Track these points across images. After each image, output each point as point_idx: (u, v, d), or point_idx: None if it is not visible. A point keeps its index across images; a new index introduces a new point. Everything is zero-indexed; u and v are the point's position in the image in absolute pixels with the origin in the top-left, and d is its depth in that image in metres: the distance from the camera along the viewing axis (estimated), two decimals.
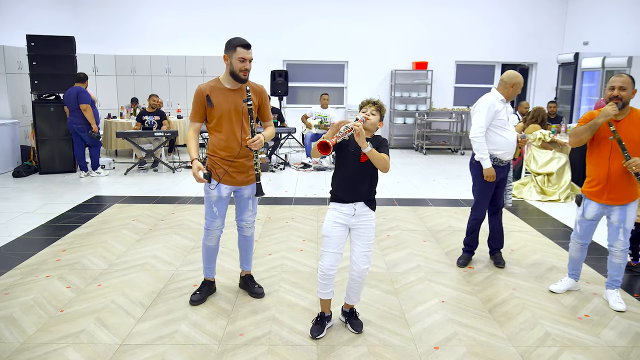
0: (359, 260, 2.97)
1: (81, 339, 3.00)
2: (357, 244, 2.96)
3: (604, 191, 3.39)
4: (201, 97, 3.20)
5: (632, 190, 3.36)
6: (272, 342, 3.00)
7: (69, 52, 7.80)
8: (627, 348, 2.99)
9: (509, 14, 10.96)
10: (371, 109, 2.91)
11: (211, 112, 3.22)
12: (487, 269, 4.20)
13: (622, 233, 3.43)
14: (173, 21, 10.76)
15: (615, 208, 3.41)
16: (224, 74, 3.25)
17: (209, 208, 3.35)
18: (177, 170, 8.25)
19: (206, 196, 3.34)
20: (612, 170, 3.34)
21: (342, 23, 10.91)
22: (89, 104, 7.44)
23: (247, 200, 3.44)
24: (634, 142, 3.27)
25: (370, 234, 2.97)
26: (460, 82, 11.43)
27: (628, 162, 3.23)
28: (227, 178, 3.28)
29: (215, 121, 3.23)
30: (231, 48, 3.15)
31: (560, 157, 6.84)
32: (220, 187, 3.29)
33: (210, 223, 3.38)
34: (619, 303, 3.49)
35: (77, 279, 3.87)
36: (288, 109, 11.06)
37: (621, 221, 3.41)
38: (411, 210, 5.97)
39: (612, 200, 3.39)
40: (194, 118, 3.26)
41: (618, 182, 3.34)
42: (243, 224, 3.53)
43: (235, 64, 3.15)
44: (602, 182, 3.39)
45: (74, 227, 5.13)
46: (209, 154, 3.31)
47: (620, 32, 8.96)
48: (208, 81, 3.29)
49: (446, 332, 3.16)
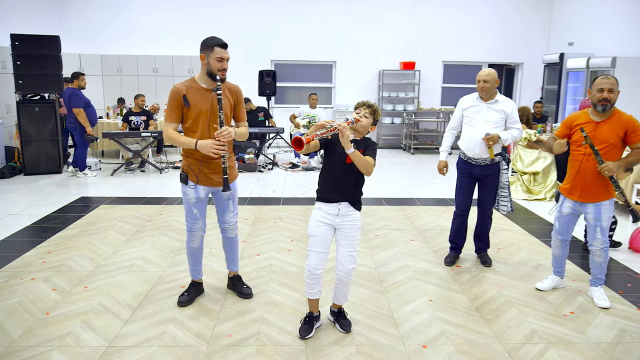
0: (345, 260, 2.97)
1: (67, 341, 2.97)
2: (342, 244, 2.97)
3: (577, 189, 3.49)
4: (178, 96, 3.14)
5: (605, 190, 3.42)
6: (260, 342, 3.00)
7: (54, 51, 7.72)
8: (612, 344, 3.03)
9: (495, 15, 11.05)
10: (365, 112, 2.90)
11: (187, 112, 3.17)
12: (474, 268, 4.23)
13: (599, 232, 3.49)
14: (160, 20, 10.69)
15: (590, 206, 3.47)
16: (200, 73, 3.20)
17: (189, 210, 3.33)
18: (164, 170, 8.19)
19: (185, 199, 3.31)
20: (586, 170, 3.42)
21: (330, 23, 10.92)
22: (80, 108, 7.38)
23: (227, 201, 3.42)
24: (609, 144, 3.34)
25: (355, 234, 2.97)
26: (447, 82, 11.50)
27: (600, 167, 3.32)
28: (204, 179, 3.26)
29: (191, 121, 3.18)
30: (208, 48, 3.10)
31: (545, 157, 6.92)
32: (198, 189, 3.27)
33: (192, 225, 3.36)
34: (604, 300, 3.54)
35: (63, 281, 3.83)
36: (276, 109, 11.04)
37: (597, 219, 3.47)
38: (399, 210, 6.00)
39: (582, 197, 3.47)
40: (171, 119, 3.18)
41: (589, 182, 3.42)
42: (226, 226, 3.51)
43: (213, 63, 3.10)
44: (575, 181, 3.49)
45: (60, 229, 5.08)
46: (184, 156, 3.27)
47: (604, 32, 9.08)
48: (183, 81, 3.23)
49: (434, 330, 3.18)
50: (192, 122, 3.19)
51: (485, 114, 4.02)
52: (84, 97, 7.56)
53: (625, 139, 3.33)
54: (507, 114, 3.99)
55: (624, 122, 3.32)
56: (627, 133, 3.31)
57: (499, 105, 4.01)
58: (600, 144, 3.34)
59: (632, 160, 3.36)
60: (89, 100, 7.74)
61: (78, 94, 7.49)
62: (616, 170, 3.30)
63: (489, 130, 3.96)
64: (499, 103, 4.01)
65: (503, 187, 4.14)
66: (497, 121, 3.99)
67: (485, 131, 3.96)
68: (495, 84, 3.97)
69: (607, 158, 3.34)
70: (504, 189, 4.14)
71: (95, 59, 10.32)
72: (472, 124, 4.07)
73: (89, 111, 7.63)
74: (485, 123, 3.99)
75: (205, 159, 3.22)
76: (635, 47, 8.23)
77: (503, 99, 4.04)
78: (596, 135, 3.35)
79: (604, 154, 3.34)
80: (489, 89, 3.95)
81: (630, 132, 3.31)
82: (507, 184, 4.14)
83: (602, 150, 3.34)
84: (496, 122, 3.99)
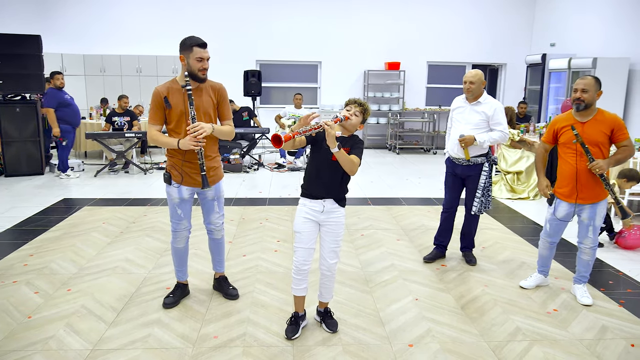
0: (327, 256, 3.00)
1: (50, 345, 2.93)
2: (326, 240, 2.98)
3: (575, 191, 3.49)
4: (159, 99, 3.13)
5: (600, 190, 3.46)
6: (247, 343, 2.99)
7: (35, 51, 7.61)
8: (594, 341, 3.08)
9: (479, 16, 11.15)
10: (356, 110, 2.89)
11: (170, 113, 3.16)
12: (460, 267, 4.27)
13: (591, 231, 3.53)
14: (144, 20, 10.60)
15: (586, 207, 3.50)
16: (181, 74, 3.18)
17: (173, 210, 3.31)
18: (148, 171, 8.12)
19: (168, 199, 3.30)
20: (580, 171, 3.43)
21: (315, 23, 10.92)
22: (50, 107, 7.26)
23: (212, 202, 3.40)
24: (597, 143, 3.38)
25: (339, 231, 2.98)
26: (431, 83, 11.57)
27: (591, 164, 3.35)
28: (187, 179, 3.24)
29: (174, 123, 3.17)
30: (187, 48, 3.07)
31: (529, 156, 7.00)
32: (182, 189, 3.26)
33: (176, 225, 3.34)
34: (586, 297, 3.59)
35: (46, 284, 3.78)
36: (261, 109, 11.01)
37: (591, 219, 3.51)
38: (385, 210, 6.02)
39: (582, 200, 3.48)
40: (154, 121, 3.17)
41: (587, 183, 3.44)
42: (212, 227, 3.49)
43: (193, 64, 3.08)
44: (572, 183, 3.49)
45: (42, 231, 5.00)
46: (168, 156, 3.26)
47: (585, 33, 9.22)
48: (164, 82, 3.21)
49: (420, 329, 3.19)
50: (175, 123, 3.18)
51: (467, 115, 4.05)
52: (58, 97, 7.38)
53: (612, 137, 3.38)
54: (488, 116, 3.99)
55: (610, 121, 3.37)
56: (614, 131, 3.36)
57: (480, 107, 4.02)
58: (587, 144, 3.37)
59: (619, 158, 3.41)
60: (70, 100, 7.56)
61: (51, 93, 7.34)
62: (606, 167, 3.34)
63: (469, 132, 3.99)
64: (481, 105, 4.02)
65: (478, 188, 4.13)
66: (477, 123, 4.01)
67: (460, 133, 4.00)
68: (481, 85, 3.99)
69: (595, 157, 3.38)
70: (478, 190, 4.13)
71: (77, 58, 10.19)
72: (455, 124, 4.13)
73: (67, 111, 7.46)
74: (466, 124, 4.02)
75: (188, 159, 3.20)
76: (615, 48, 8.37)
77: (487, 100, 4.04)
78: (582, 135, 3.39)
79: (594, 154, 3.37)
80: (474, 90, 3.98)
81: (616, 130, 3.35)
82: (484, 185, 4.11)
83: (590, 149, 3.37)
84: (476, 124, 4.00)
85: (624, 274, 4.15)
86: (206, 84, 3.22)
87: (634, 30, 8.00)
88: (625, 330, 3.21)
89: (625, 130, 3.37)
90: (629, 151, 3.39)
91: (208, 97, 3.22)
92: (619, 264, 4.39)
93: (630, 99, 8.12)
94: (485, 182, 4.12)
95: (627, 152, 3.39)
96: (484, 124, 4.01)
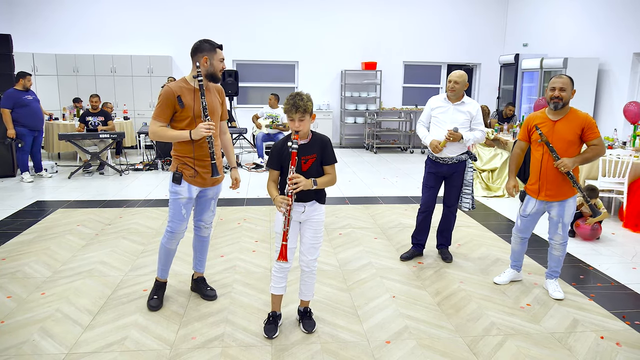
0: (307, 252, 3.03)
1: (24, 350, 2.88)
2: (305, 236, 3.01)
3: (541, 189, 3.58)
4: (172, 97, 3.11)
5: (568, 188, 3.54)
6: (225, 344, 2.99)
7: (5, 50, 7.46)
8: (565, 334, 3.17)
9: (454, 17, 11.30)
10: (298, 117, 2.76)
11: (182, 113, 3.15)
12: (436, 264, 4.33)
13: (560, 227, 3.63)
14: (118, 20, 10.45)
15: (555, 204, 3.59)
16: (192, 75, 3.19)
17: (177, 211, 3.25)
18: (124, 172, 8.01)
19: (173, 198, 3.24)
20: (547, 169, 3.53)
21: (292, 23, 10.92)
22: (5, 108, 7.08)
23: (211, 200, 3.43)
24: (567, 141, 3.46)
25: (318, 227, 3.01)
26: (408, 82, 11.68)
27: (557, 162, 3.44)
28: (199, 179, 3.24)
29: (187, 122, 3.16)
30: (212, 50, 3.16)
31: (502, 153, 7.14)
32: (191, 188, 3.25)
33: (177, 226, 3.29)
34: (558, 292, 3.69)
35: (19, 288, 3.71)
36: (239, 109, 10.97)
37: (560, 216, 3.60)
38: (363, 209, 6.07)
39: (549, 197, 3.57)
40: (161, 118, 3.14)
41: (553, 180, 3.52)
42: (202, 224, 3.49)
43: (217, 64, 3.19)
44: (539, 180, 3.58)
45: (15, 234, 4.90)
46: (178, 156, 3.23)
47: (556, 34, 9.43)
48: (175, 82, 3.21)
49: (397, 326, 3.24)
50: (187, 123, 3.16)
51: (452, 115, 4.13)
52: (15, 98, 7.16)
53: (582, 135, 3.46)
54: (472, 116, 4.11)
55: (581, 120, 3.45)
56: (584, 130, 3.44)
57: (465, 107, 4.12)
58: (557, 142, 3.46)
59: (588, 157, 3.49)
60: (30, 101, 7.29)
61: (8, 94, 7.15)
62: (571, 165, 3.42)
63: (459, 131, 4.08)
64: (465, 105, 4.12)
65: (467, 185, 4.25)
66: (462, 122, 4.09)
67: (455, 126, 4.06)
68: (464, 87, 4.09)
69: (565, 155, 3.46)
70: (467, 187, 4.25)
71: (49, 58, 9.98)
72: (439, 124, 4.17)
73: (23, 112, 7.21)
74: (452, 124, 4.09)
75: (198, 157, 3.20)
76: (585, 48, 8.58)
77: (469, 101, 4.15)
78: (554, 134, 3.47)
79: (563, 152, 3.46)
80: (458, 90, 4.07)
81: (586, 129, 3.44)
82: (471, 182, 4.25)
83: (560, 147, 3.46)
84: (462, 123, 4.09)
85: (594, 269, 4.27)
86: (211, 85, 3.29)
87: (603, 31, 8.22)
88: (595, 323, 3.31)
89: (595, 130, 3.45)
90: (597, 150, 3.48)
91: (215, 97, 3.30)
92: (589, 259, 4.51)
93: (600, 98, 8.33)
94: (472, 178, 4.25)
95: (596, 151, 3.48)
96: (467, 124, 4.12)
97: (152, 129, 3.17)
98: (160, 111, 3.13)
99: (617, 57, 7.95)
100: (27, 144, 7.41)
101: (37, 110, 7.46)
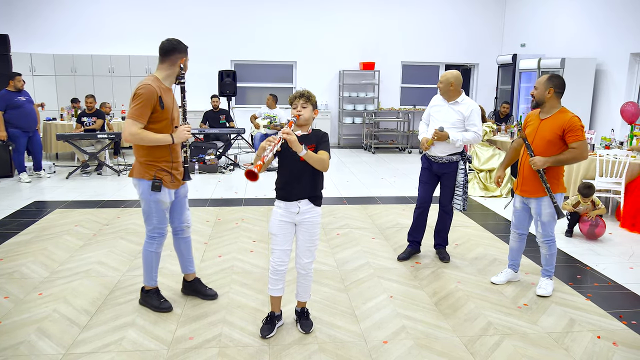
0: (303, 255, 3.02)
1: (21, 350, 2.88)
2: (301, 239, 3.00)
3: (519, 184, 3.70)
4: (155, 97, 2.99)
5: (540, 186, 3.55)
6: (222, 344, 2.99)
7: (2, 50, 7.44)
8: (562, 333, 3.18)
9: (452, 17, 11.32)
10: (300, 103, 2.87)
11: (161, 114, 3.05)
12: (433, 264, 4.34)
13: (539, 225, 3.66)
14: (116, 20, 10.45)
15: (532, 201, 3.64)
16: (164, 74, 3.13)
17: (161, 216, 3.22)
18: (122, 173, 8.01)
19: (157, 206, 3.17)
20: (523, 165, 3.64)
21: (290, 23, 10.93)
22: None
23: (184, 199, 3.42)
24: (547, 141, 3.50)
25: (314, 230, 3.00)
26: (406, 83, 11.70)
27: (530, 159, 3.51)
28: (176, 182, 3.25)
29: (163, 124, 3.07)
30: (185, 51, 3.18)
31: (500, 154, 7.15)
32: (171, 192, 3.24)
33: (164, 229, 3.29)
34: (542, 289, 3.72)
35: (16, 288, 3.71)
36: (237, 109, 10.97)
37: (537, 214, 3.64)
38: (360, 209, 6.07)
39: (524, 192, 3.65)
40: (141, 118, 2.96)
41: (527, 176, 3.60)
42: (184, 226, 3.46)
43: (185, 65, 3.18)
44: (518, 176, 3.71)
45: (12, 235, 4.90)
46: (151, 162, 3.11)
47: (554, 35, 9.45)
48: (150, 81, 3.04)
49: (394, 326, 3.24)
50: (163, 125, 3.09)
51: (445, 114, 4.14)
52: (7, 99, 7.11)
53: (564, 137, 3.47)
54: (464, 116, 4.09)
55: (563, 121, 3.46)
56: (565, 131, 3.44)
57: (458, 107, 4.12)
58: (538, 140, 3.52)
59: (562, 159, 3.48)
60: (23, 102, 7.24)
61: (0, 96, 7.09)
62: (541, 164, 3.46)
63: (446, 130, 4.07)
64: (458, 105, 4.12)
65: (458, 186, 4.26)
66: (454, 122, 4.10)
67: (441, 125, 4.07)
68: (449, 86, 4.08)
69: (543, 154, 3.49)
70: (458, 188, 4.26)
71: (47, 58, 9.97)
72: (433, 122, 4.22)
73: (15, 113, 7.17)
74: (443, 123, 4.10)
75: (175, 159, 3.20)
76: (582, 49, 8.60)
77: (465, 101, 4.15)
78: (537, 132, 3.54)
79: (543, 150, 3.49)
80: (442, 89, 4.12)
81: (567, 131, 3.43)
82: (462, 184, 4.24)
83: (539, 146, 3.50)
84: (453, 123, 4.09)
85: (591, 269, 4.28)
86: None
87: (600, 31, 8.24)
88: (592, 322, 3.32)
89: (578, 133, 3.41)
90: (574, 153, 3.45)
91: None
92: (586, 258, 4.52)
93: (597, 99, 8.35)
94: (464, 180, 4.23)
95: (573, 154, 3.45)
96: (460, 124, 4.11)
97: (131, 130, 2.94)
98: (140, 111, 2.95)
99: (614, 58, 7.97)
100: (22, 145, 7.37)
101: (31, 111, 7.40)
